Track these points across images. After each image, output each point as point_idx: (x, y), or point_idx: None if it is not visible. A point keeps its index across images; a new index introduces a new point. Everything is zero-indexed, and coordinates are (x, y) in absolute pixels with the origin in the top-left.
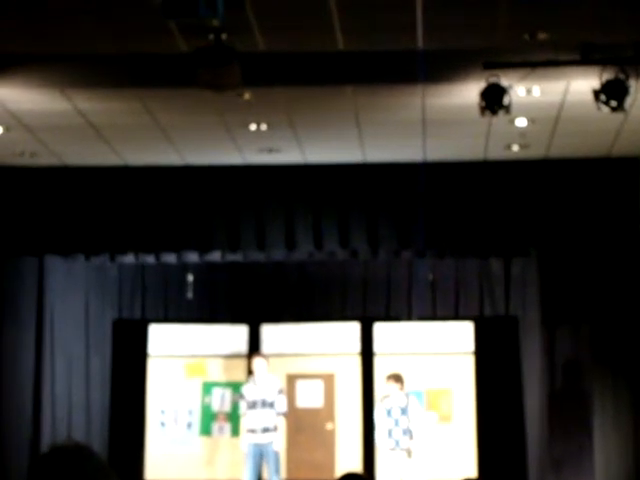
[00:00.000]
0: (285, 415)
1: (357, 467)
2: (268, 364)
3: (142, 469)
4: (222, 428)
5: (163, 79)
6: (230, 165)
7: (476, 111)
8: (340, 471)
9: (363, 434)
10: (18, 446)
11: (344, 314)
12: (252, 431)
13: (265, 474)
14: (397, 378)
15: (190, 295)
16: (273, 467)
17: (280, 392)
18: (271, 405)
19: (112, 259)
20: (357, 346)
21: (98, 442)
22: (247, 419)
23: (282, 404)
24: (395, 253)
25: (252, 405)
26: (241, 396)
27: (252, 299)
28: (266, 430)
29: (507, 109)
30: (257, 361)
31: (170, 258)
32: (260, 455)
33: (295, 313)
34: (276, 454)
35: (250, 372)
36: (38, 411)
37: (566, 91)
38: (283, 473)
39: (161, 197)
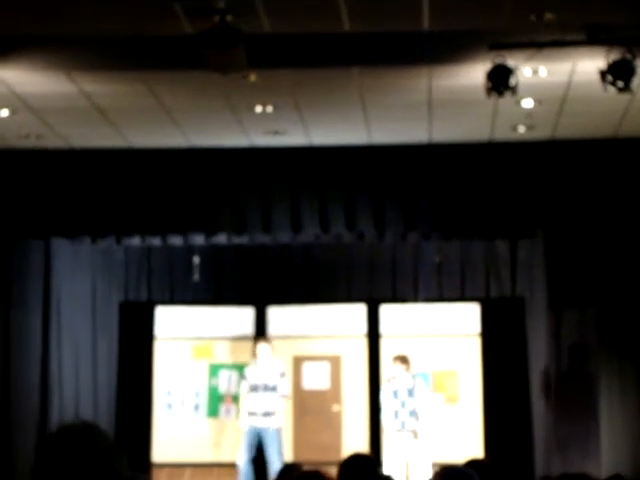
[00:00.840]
0: (287, 397)
1: (364, 448)
2: (272, 349)
3: (149, 451)
4: (229, 410)
5: (168, 61)
6: (236, 147)
7: (482, 92)
8: (347, 453)
9: (369, 416)
10: (25, 429)
11: (350, 296)
12: (252, 414)
13: (266, 457)
14: (403, 359)
15: (196, 277)
16: (275, 449)
17: (282, 375)
18: (273, 389)
19: (118, 241)
20: (363, 328)
21: (105, 425)
22: (248, 402)
23: (284, 387)
24: (401, 235)
25: (254, 388)
26: (243, 377)
27: (258, 281)
28: (267, 414)
29: (513, 90)
30: (261, 346)
31: (176, 240)
32: (257, 437)
33: (301, 295)
34: (278, 436)
35: (255, 355)
36: (45, 394)
37: (573, 72)
38: (289, 455)
39: (167, 179)
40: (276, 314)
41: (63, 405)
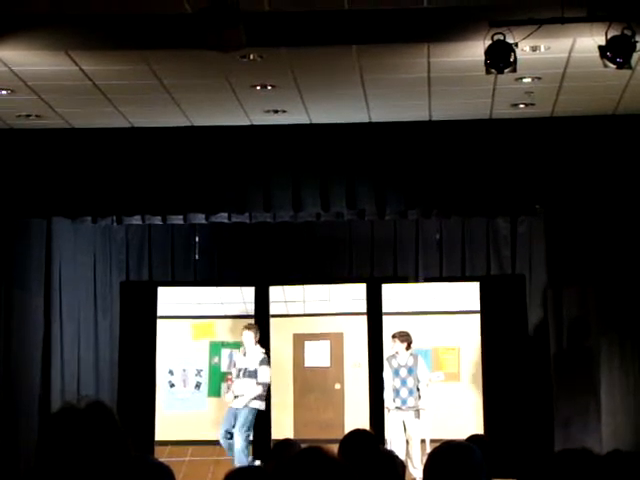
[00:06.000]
0: (264, 385)
1: (365, 426)
2: (256, 335)
3: (152, 430)
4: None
5: (168, 40)
6: (236, 126)
7: (482, 69)
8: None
9: (371, 393)
10: (28, 409)
11: (351, 275)
12: (235, 397)
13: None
14: (404, 337)
15: (197, 257)
16: (239, 425)
17: (262, 363)
18: (252, 375)
19: (119, 221)
20: (364, 306)
21: (107, 404)
22: (234, 386)
23: (264, 375)
24: (401, 213)
25: (238, 373)
26: (233, 364)
27: (259, 260)
28: (239, 396)
29: (513, 67)
30: (245, 333)
31: (177, 220)
32: (233, 416)
33: (302, 274)
34: (246, 414)
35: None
36: (47, 375)
37: (572, 48)
38: (291, 433)
39: (167, 158)
40: (277, 293)
41: (65, 386)
